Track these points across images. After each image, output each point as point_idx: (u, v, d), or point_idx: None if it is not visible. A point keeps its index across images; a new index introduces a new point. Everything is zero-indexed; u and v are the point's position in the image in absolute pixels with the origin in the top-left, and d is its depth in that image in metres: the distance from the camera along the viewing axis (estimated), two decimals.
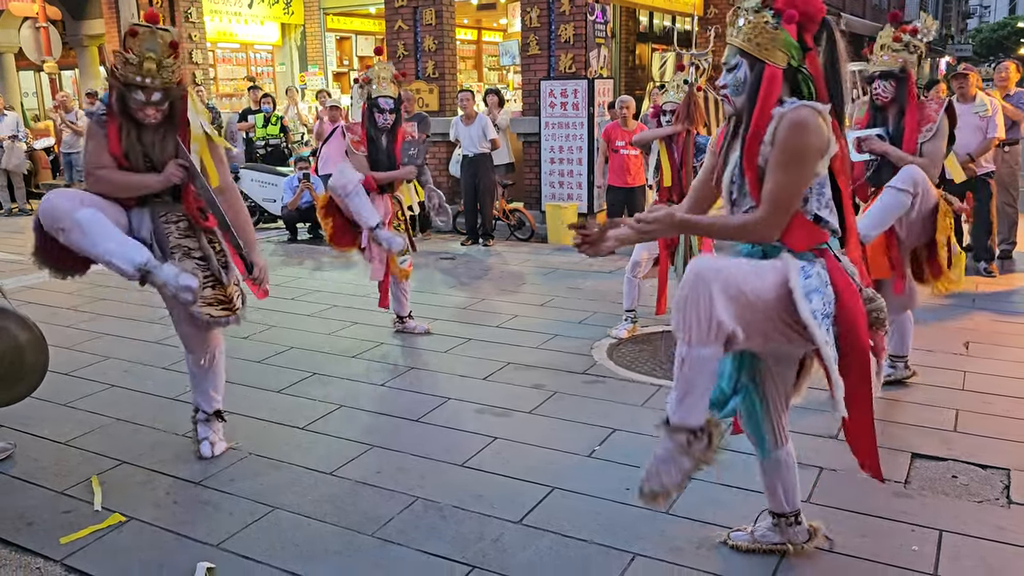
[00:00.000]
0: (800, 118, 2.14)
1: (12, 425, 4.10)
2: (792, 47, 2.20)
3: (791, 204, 2.21)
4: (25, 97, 17.44)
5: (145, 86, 3.31)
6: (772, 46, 2.19)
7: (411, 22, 10.46)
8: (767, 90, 2.19)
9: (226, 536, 3.09)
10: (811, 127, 2.14)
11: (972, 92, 7.05)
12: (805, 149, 2.15)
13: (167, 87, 3.36)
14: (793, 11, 2.16)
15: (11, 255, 8.97)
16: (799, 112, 2.15)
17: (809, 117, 2.15)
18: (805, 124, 2.14)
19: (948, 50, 43.52)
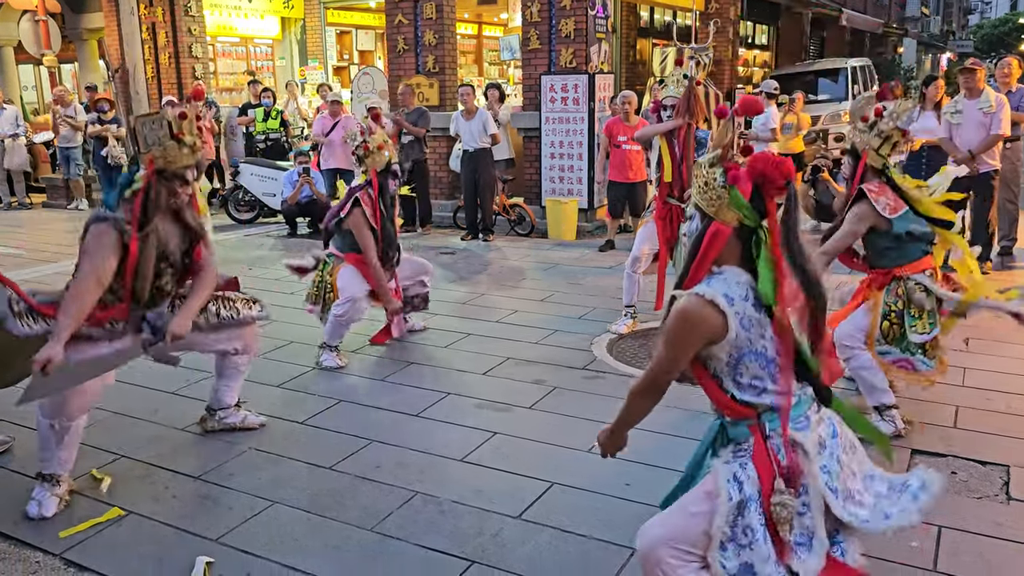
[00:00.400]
0: (680, 308, 2.09)
1: (11, 419, 4.09)
2: (743, 207, 2.08)
3: (662, 378, 2.18)
4: (24, 91, 17.43)
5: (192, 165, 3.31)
6: (719, 203, 2.10)
7: (411, 16, 10.43)
8: (707, 246, 2.11)
9: (225, 530, 3.09)
10: (689, 318, 2.07)
11: (980, 87, 6.96)
12: (676, 336, 2.11)
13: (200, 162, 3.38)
14: (736, 172, 2.07)
15: (10, 249, 8.96)
16: (686, 300, 2.09)
17: (692, 307, 2.07)
18: (684, 313, 2.08)
19: (949, 46, 43.45)
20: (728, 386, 2.14)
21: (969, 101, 6.98)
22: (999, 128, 6.83)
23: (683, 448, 3.62)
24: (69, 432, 3.30)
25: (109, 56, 13.68)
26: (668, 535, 2.13)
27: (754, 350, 2.08)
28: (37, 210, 12.26)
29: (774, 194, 2.04)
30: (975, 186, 7.07)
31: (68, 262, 8.41)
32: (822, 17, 22.20)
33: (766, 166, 2.02)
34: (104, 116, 11.42)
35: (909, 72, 29.32)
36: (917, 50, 36.27)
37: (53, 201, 12.56)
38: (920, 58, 36.99)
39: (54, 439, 3.28)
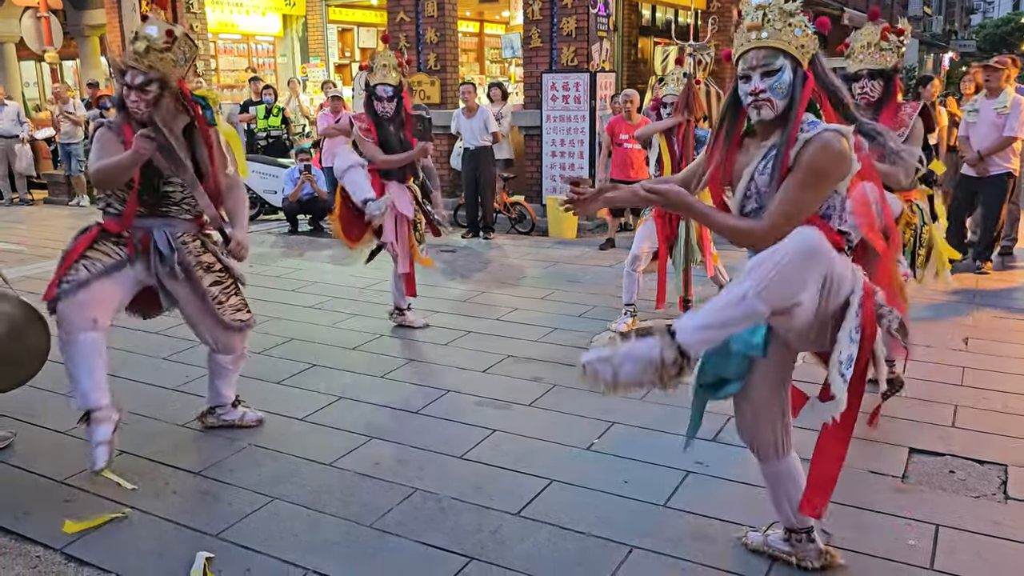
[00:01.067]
0: (826, 142, 2.15)
1: (12, 414, 4.11)
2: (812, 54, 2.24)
3: (797, 220, 2.20)
4: (26, 87, 17.43)
5: (134, 67, 3.33)
6: (808, 49, 2.21)
7: (413, 14, 10.43)
8: (806, 96, 2.20)
9: (225, 526, 3.11)
10: (836, 152, 2.16)
11: (1001, 86, 6.81)
12: (826, 173, 2.17)
13: (151, 75, 3.34)
14: (824, 18, 2.22)
15: (12, 245, 8.97)
16: (825, 136, 2.16)
17: (834, 141, 2.16)
18: (830, 148, 2.15)
19: (951, 46, 43.39)
20: (835, 222, 2.29)
21: (987, 100, 6.89)
22: (1012, 130, 6.71)
23: (679, 445, 3.62)
24: (76, 348, 3.32)
25: (111, 52, 13.68)
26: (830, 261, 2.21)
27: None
28: (39, 206, 12.27)
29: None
30: (983, 187, 7.03)
31: None
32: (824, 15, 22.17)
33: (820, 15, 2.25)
34: (107, 113, 11.41)
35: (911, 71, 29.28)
36: (919, 50, 36.22)
37: (55, 197, 12.57)
38: (922, 58, 36.95)
39: (68, 361, 3.35)
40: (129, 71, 3.34)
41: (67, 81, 15.49)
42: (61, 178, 12.51)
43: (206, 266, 3.65)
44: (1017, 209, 7.53)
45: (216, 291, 3.67)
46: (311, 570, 2.83)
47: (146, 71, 3.33)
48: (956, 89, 8.81)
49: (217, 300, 3.67)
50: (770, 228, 2.21)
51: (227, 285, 3.72)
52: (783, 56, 2.23)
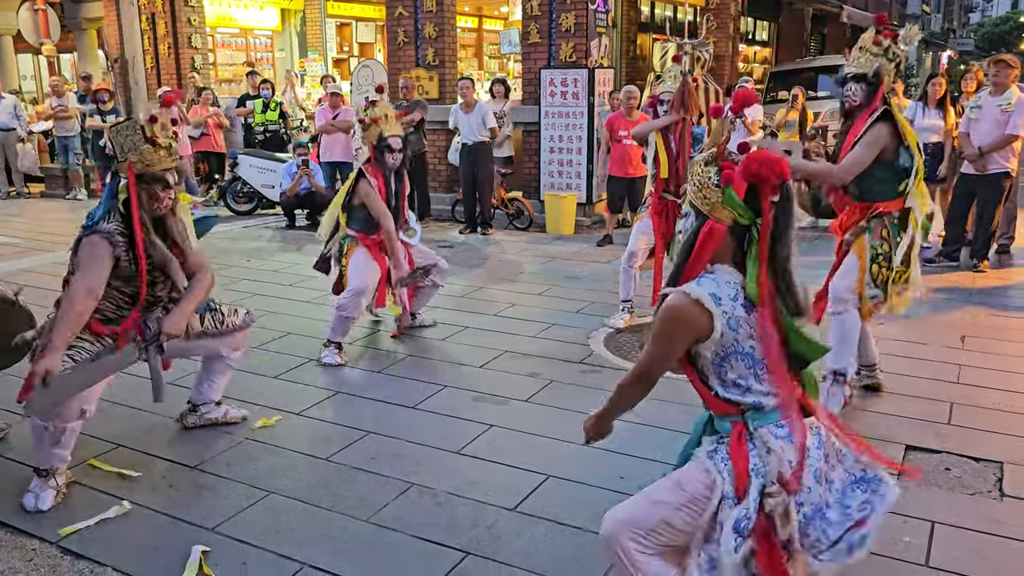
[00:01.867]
0: (668, 304, 2.11)
1: (8, 407, 4.10)
2: (737, 206, 2.07)
3: (650, 373, 2.21)
4: (23, 80, 17.38)
5: (172, 168, 3.30)
6: (713, 202, 2.09)
7: (412, 9, 10.40)
8: (701, 244, 2.11)
9: (221, 520, 3.11)
10: (677, 315, 2.09)
11: (1007, 84, 6.72)
12: (663, 333, 2.14)
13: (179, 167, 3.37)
14: (730, 171, 2.06)
15: (8, 238, 8.95)
16: (673, 298, 2.10)
17: (679, 305, 2.08)
18: (671, 311, 2.10)
19: (950, 44, 43.43)
20: (713, 383, 2.16)
21: (991, 97, 6.85)
22: (1015, 129, 6.67)
23: (677, 442, 3.62)
24: (65, 433, 3.25)
25: (108, 46, 13.65)
26: (630, 520, 2.17)
27: (740, 350, 2.09)
28: (35, 200, 12.25)
29: (769, 193, 2.03)
30: (981, 185, 7.02)
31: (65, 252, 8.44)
32: (823, 13, 22.19)
33: (760, 166, 2.01)
34: (103, 106, 11.40)
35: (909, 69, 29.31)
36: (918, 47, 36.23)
37: (51, 191, 12.54)
38: (921, 56, 36.97)
39: (48, 440, 3.23)
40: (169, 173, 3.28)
41: (64, 74, 15.46)
42: (58, 171, 12.48)
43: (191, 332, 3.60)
44: (1014, 208, 7.53)
45: (211, 321, 3.69)
46: (307, 564, 2.83)
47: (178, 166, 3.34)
48: (956, 87, 8.79)
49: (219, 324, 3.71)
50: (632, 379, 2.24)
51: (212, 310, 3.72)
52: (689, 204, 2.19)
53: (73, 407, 3.22)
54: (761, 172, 2.01)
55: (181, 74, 13.02)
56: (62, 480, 3.31)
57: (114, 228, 3.24)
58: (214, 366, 3.91)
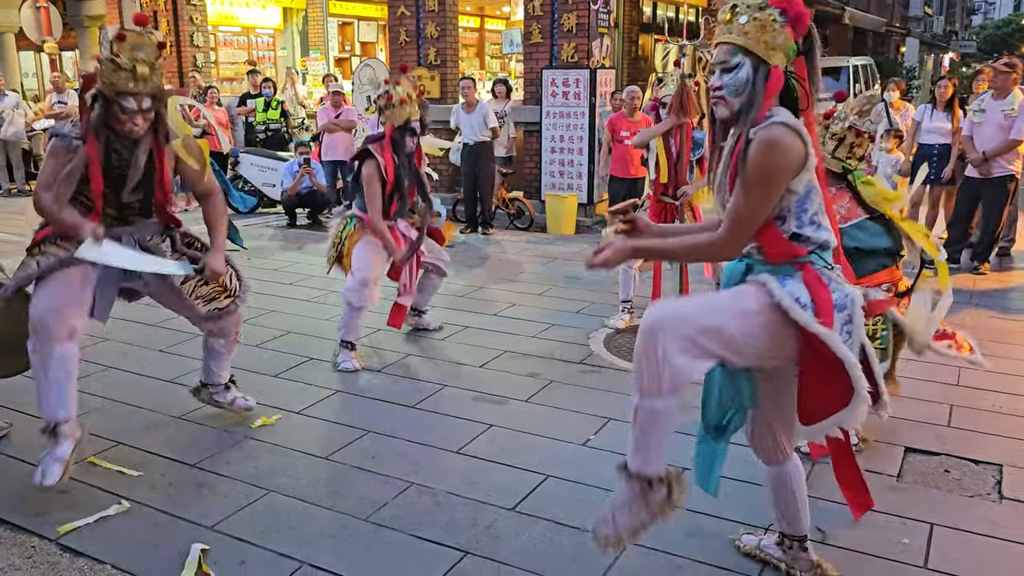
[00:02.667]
0: (771, 137, 2.06)
1: (8, 405, 4.10)
2: (791, 49, 2.12)
3: (752, 224, 2.14)
4: (25, 77, 17.38)
5: (137, 92, 3.18)
6: (777, 46, 2.10)
7: (414, 8, 10.41)
8: (771, 92, 2.11)
9: (220, 518, 3.11)
10: (782, 146, 2.06)
11: (1010, 87, 6.76)
12: (771, 170, 2.07)
13: (155, 92, 3.27)
14: (800, 10, 2.08)
15: (10, 236, 8.95)
16: (770, 131, 2.07)
17: (781, 136, 2.06)
18: (776, 144, 2.06)
19: (952, 46, 43.42)
20: (791, 223, 2.18)
21: (994, 101, 6.86)
22: (1019, 134, 6.68)
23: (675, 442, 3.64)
24: (52, 360, 3.17)
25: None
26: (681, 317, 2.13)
27: (814, 186, 2.16)
28: None
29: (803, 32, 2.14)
30: (985, 188, 7.02)
31: None
32: (825, 15, 22.17)
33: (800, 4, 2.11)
34: None
35: (911, 72, 29.30)
36: (920, 50, 36.24)
37: None
38: (923, 58, 36.95)
39: (40, 372, 3.20)
40: (129, 98, 3.18)
41: (66, 72, 15.46)
42: None
43: None
44: (1016, 211, 7.53)
45: (187, 287, 3.65)
46: (306, 563, 2.83)
47: (150, 93, 3.23)
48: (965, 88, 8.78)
49: (192, 294, 3.66)
50: (723, 238, 2.17)
51: (196, 278, 3.66)
52: (742, 53, 2.14)
53: (59, 323, 3.18)
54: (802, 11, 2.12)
55: (183, 72, 13.02)
56: (68, 447, 3.22)
57: (70, 130, 3.27)
58: (208, 350, 3.90)
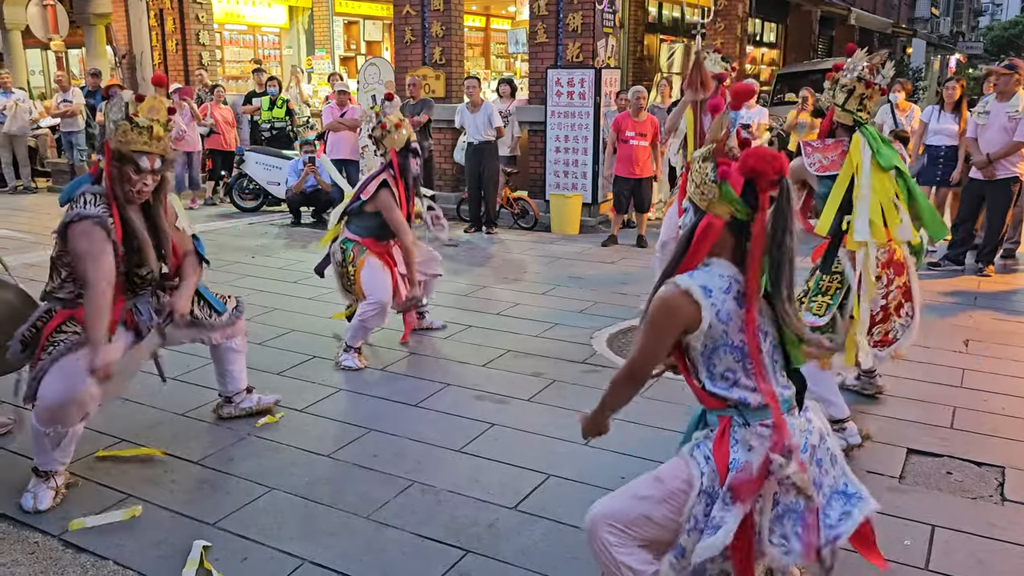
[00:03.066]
0: (659, 295, 2.12)
1: (13, 401, 4.12)
2: (734, 201, 2.07)
3: (642, 367, 2.21)
4: (32, 75, 17.44)
5: (152, 151, 3.22)
6: (711, 198, 2.10)
7: (419, 8, 10.42)
8: (699, 239, 2.11)
9: (223, 515, 3.12)
10: (666, 305, 2.09)
11: (1014, 89, 6.75)
12: (653, 324, 2.13)
13: (165, 154, 3.28)
14: (726, 167, 2.07)
15: (14, 232, 8.99)
16: (665, 288, 2.11)
17: (668, 296, 2.09)
18: (660, 301, 2.11)
19: (959, 47, 43.27)
20: (702, 376, 2.17)
21: (998, 103, 6.84)
22: (1022, 135, 6.66)
23: (677, 442, 3.64)
24: (66, 437, 3.21)
25: (116, 42, 13.68)
26: (610, 514, 2.21)
27: (730, 343, 2.10)
28: (42, 194, 12.28)
29: (767, 188, 2.03)
30: (989, 190, 7.00)
31: None
32: (831, 16, 22.14)
33: (757, 161, 2.02)
34: None
35: (918, 73, 29.23)
36: (926, 51, 36.13)
37: (58, 185, 12.58)
38: (929, 59, 36.84)
39: (49, 444, 3.19)
40: (144, 157, 3.20)
41: (73, 70, 15.50)
42: (65, 166, 12.52)
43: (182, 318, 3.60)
44: (1021, 213, 7.51)
45: (201, 313, 3.69)
46: (307, 560, 2.84)
47: (162, 152, 3.26)
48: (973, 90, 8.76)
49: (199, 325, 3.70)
50: (626, 374, 2.25)
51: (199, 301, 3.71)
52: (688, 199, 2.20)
53: (75, 412, 3.14)
54: (758, 167, 2.02)
55: (189, 70, 13.05)
56: (61, 480, 3.28)
57: (103, 212, 3.18)
58: (221, 356, 3.91)
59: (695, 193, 2.15)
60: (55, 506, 3.20)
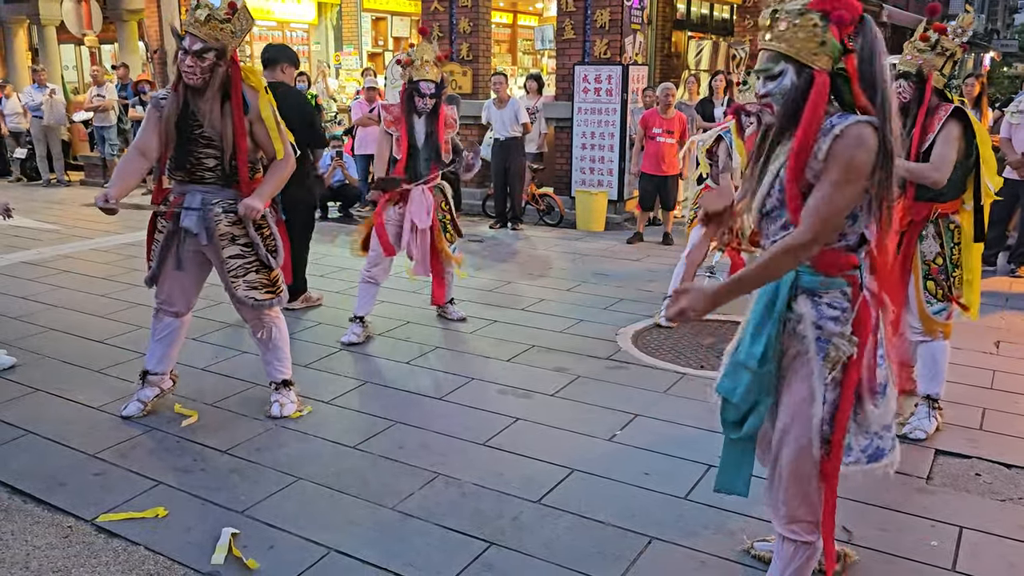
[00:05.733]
0: (861, 135, 2.04)
1: (47, 389, 4.22)
2: (836, 50, 2.08)
3: (839, 221, 2.11)
4: (65, 70, 17.70)
5: (194, 34, 3.43)
6: (820, 51, 2.07)
7: (447, 3, 10.45)
8: (817, 99, 2.08)
9: (251, 503, 3.16)
10: (869, 145, 2.04)
11: None
12: (862, 167, 2.05)
13: (210, 44, 3.46)
14: (842, 12, 2.05)
15: (50, 224, 9.15)
16: (859, 129, 2.05)
17: (868, 136, 2.05)
18: (865, 142, 2.04)
19: (993, 45, 42.52)
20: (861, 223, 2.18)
21: None
22: None
23: (701, 439, 3.65)
24: (158, 324, 3.91)
25: (148, 37, 13.85)
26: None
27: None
28: (75, 188, 12.49)
29: (850, 30, 2.09)
30: (1023, 190, 6.91)
31: (104, 239, 8.60)
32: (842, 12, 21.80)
33: (845, 3, 2.06)
34: (144, 97, 11.59)
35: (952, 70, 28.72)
36: None
37: (91, 179, 12.79)
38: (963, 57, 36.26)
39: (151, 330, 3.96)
40: (188, 37, 3.45)
41: (104, 65, 15.72)
42: (97, 160, 12.72)
43: (231, 237, 3.72)
44: None
45: (235, 264, 3.74)
46: (333, 549, 2.88)
47: (205, 39, 3.44)
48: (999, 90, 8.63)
49: (233, 273, 3.74)
50: (807, 235, 2.09)
51: (249, 260, 3.76)
52: (784, 60, 2.13)
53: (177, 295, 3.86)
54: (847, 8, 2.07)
55: None
56: (152, 391, 3.98)
57: (162, 93, 3.65)
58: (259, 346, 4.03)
59: (796, 50, 2.11)
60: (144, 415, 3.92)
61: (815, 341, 2.19)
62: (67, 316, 5.56)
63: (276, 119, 3.71)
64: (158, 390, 4.02)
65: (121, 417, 3.90)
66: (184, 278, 3.85)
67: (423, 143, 5.10)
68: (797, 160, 2.12)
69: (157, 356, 3.98)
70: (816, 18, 2.08)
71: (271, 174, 3.76)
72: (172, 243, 3.76)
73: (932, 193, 3.63)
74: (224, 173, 3.66)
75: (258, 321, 3.90)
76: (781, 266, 2.13)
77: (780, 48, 2.13)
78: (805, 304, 2.21)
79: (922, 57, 3.59)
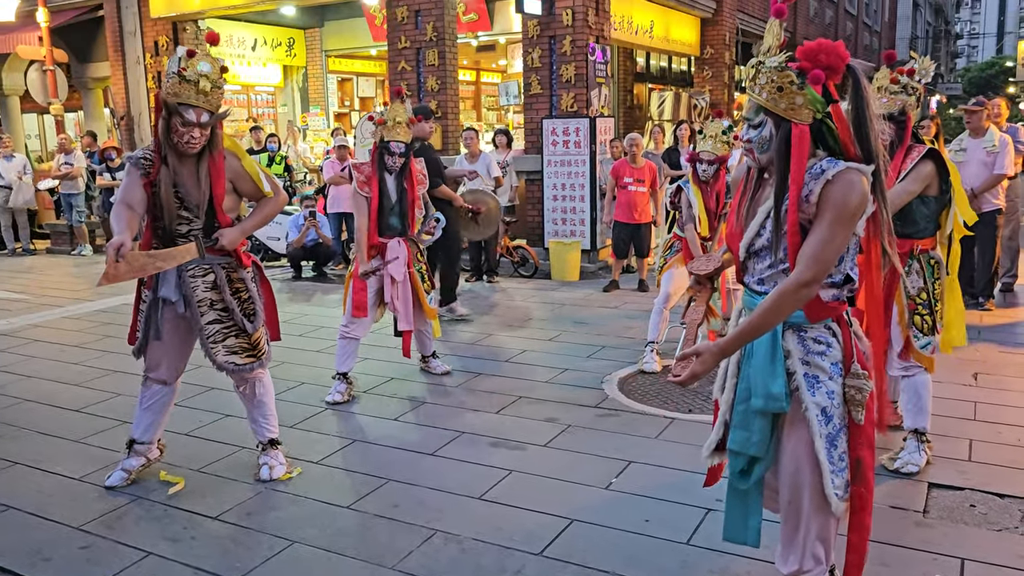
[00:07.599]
0: (851, 180, 2.10)
1: (25, 461, 4.09)
2: (817, 102, 2.13)
3: (832, 262, 2.15)
4: (28, 139, 17.59)
5: (198, 105, 3.42)
6: (798, 106, 2.14)
7: (414, 63, 10.63)
8: (799, 149, 2.14)
9: (246, 570, 3.08)
10: (860, 190, 2.11)
11: (985, 126, 6.99)
12: (856, 211, 2.12)
13: (214, 111, 3.49)
14: (819, 71, 2.10)
15: (16, 294, 8.98)
16: (850, 175, 2.11)
17: (858, 181, 2.11)
18: (856, 187, 2.10)
19: (938, 88, 44.14)
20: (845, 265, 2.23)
21: (973, 140, 7.04)
22: (1002, 168, 6.84)
23: (697, 482, 3.60)
24: (148, 393, 3.85)
25: (115, 103, 13.85)
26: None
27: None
28: (41, 256, 12.31)
29: (837, 80, 2.13)
30: (976, 225, 7.12)
31: (73, 306, 8.44)
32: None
33: (826, 56, 2.10)
34: (111, 164, 11.54)
35: None
36: None
37: (57, 247, 12.63)
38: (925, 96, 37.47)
39: (140, 396, 3.87)
40: (191, 110, 3.42)
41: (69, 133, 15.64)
42: (64, 228, 12.58)
43: (209, 302, 3.69)
44: (1017, 245, 7.61)
45: (214, 329, 3.70)
46: None
47: (209, 108, 3.46)
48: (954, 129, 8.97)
49: (212, 339, 3.71)
50: (812, 276, 2.13)
51: (227, 325, 3.73)
52: (763, 112, 2.20)
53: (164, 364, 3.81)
54: (830, 62, 2.11)
55: None
56: (137, 462, 3.89)
57: (141, 154, 3.57)
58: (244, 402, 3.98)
59: (780, 101, 2.15)
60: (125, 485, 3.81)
61: (803, 377, 2.23)
62: (41, 386, 5.43)
63: (256, 166, 3.75)
64: (144, 459, 3.94)
65: (104, 487, 3.79)
66: (169, 347, 3.80)
67: (395, 200, 5.17)
68: (791, 206, 2.17)
69: (144, 424, 3.91)
70: (793, 75, 2.13)
71: (259, 209, 3.79)
72: (154, 312, 3.71)
73: (911, 229, 3.75)
74: (193, 236, 3.61)
75: (240, 377, 3.87)
76: (783, 309, 2.17)
77: (760, 100, 2.20)
78: (791, 340, 2.26)
79: (898, 99, 3.72)
